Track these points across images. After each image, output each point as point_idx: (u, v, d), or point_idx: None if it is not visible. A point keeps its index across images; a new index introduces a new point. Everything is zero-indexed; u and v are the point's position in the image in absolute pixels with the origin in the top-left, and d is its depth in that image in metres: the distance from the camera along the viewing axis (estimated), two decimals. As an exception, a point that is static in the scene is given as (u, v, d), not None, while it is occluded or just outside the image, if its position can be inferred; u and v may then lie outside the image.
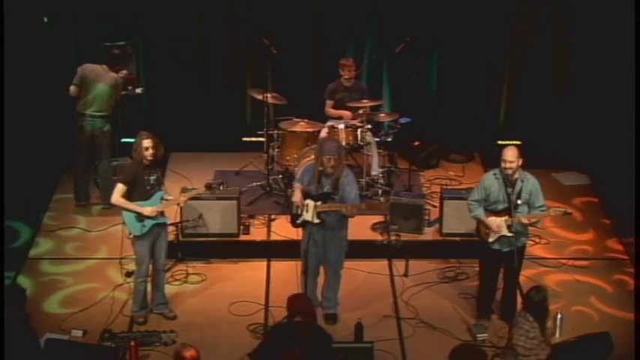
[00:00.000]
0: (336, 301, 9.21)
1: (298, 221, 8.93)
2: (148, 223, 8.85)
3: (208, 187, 9.55)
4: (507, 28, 12.14)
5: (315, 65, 12.10)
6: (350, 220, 9.03)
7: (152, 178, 8.86)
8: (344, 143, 10.91)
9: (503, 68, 12.35)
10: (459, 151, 12.30)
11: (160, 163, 9.05)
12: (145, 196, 8.84)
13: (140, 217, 8.82)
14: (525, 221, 8.62)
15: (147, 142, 8.74)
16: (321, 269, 9.18)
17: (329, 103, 11.37)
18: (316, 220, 8.83)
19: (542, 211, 8.70)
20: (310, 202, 8.81)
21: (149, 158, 8.77)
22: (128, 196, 8.83)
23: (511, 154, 8.58)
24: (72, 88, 10.66)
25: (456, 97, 12.35)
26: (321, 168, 8.84)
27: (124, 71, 10.99)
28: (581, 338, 8.37)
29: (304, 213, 8.85)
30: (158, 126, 11.26)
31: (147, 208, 8.80)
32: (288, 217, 9.25)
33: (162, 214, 8.95)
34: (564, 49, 12.15)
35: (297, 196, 8.92)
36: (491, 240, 8.76)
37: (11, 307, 7.62)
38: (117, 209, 9.14)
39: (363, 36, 12.22)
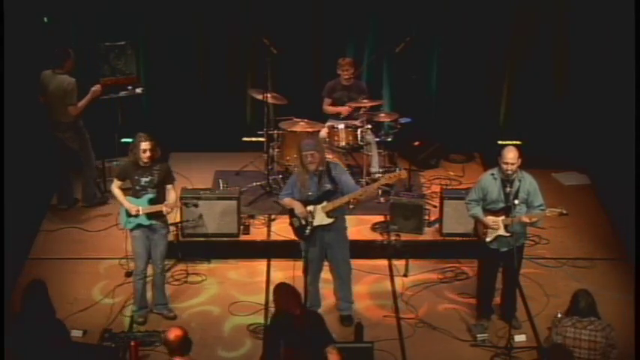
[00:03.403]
0: (351, 300, 9.20)
1: (307, 231, 8.82)
2: (134, 220, 8.90)
3: (186, 204, 9.66)
4: (507, 28, 12.14)
5: (315, 65, 12.09)
6: (347, 218, 9.03)
7: (144, 179, 8.88)
8: (344, 143, 10.94)
9: (503, 68, 12.35)
10: (459, 151, 12.30)
11: (161, 166, 9.02)
12: (136, 195, 8.92)
13: (129, 212, 8.92)
14: (526, 220, 8.61)
15: (145, 145, 8.75)
16: (326, 269, 9.16)
17: (327, 100, 11.37)
18: (329, 221, 8.78)
19: (542, 210, 8.69)
20: (314, 207, 8.78)
21: (145, 161, 8.80)
22: (124, 191, 8.98)
23: (512, 155, 8.58)
24: (39, 97, 10.77)
25: (456, 97, 12.35)
26: (303, 169, 8.75)
27: (97, 85, 10.88)
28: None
29: (310, 221, 8.82)
30: (158, 126, 11.31)
31: (132, 206, 8.87)
32: (291, 230, 9.08)
33: (151, 216, 8.91)
34: (564, 49, 12.15)
35: (300, 208, 8.78)
36: (488, 239, 8.77)
37: (35, 301, 7.61)
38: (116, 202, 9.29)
39: (363, 36, 12.22)
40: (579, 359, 7.59)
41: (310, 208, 8.76)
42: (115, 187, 9.06)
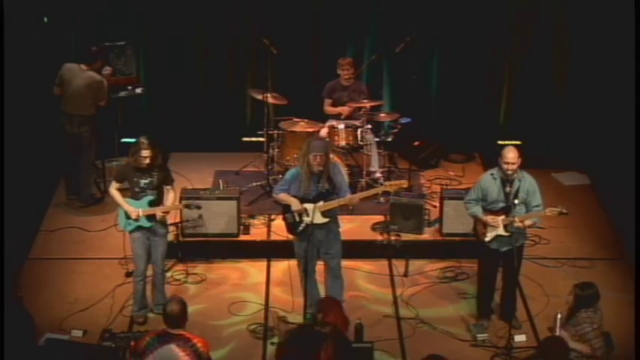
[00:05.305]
0: (343, 299, 9.17)
1: (300, 228, 8.85)
2: (133, 222, 8.90)
3: (187, 206, 9.59)
4: (507, 28, 12.15)
5: (315, 65, 12.09)
6: (347, 217, 9.05)
7: (144, 181, 8.87)
8: (344, 143, 10.94)
9: (503, 68, 12.35)
10: (459, 151, 12.30)
11: (160, 167, 9.02)
12: (136, 197, 8.91)
13: (128, 215, 8.91)
14: (520, 225, 8.61)
15: (145, 152, 8.75)
16: (318, 268, 9.16)
17: (327, 101, 11.38)
18: (324, 220, 8.79)
19: (538, 211, 8.69)
20: (309, 205, 8.78)
21: (142, 166, 8.81)
22: (123, 192, 8.95)
23: (512, 155, 8.59)
24: (54, 87, 10.80)
25: (456, 97, 12.35)
26: (308, 168, 8.74)
27: (108, 68, 10.98)
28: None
29: (304, 218, 8.82)
30: (158, 126, 11.32)
31: (132, 208, 8.85)
32: (284, 225, 9.07)
33: (151, 218, 8.90)
34: (564, 48, 12.16)
35: (297, 205, 8.79)
36: (487, 239, 8.77)
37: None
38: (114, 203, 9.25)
39: (363, 36, 12.22)
40: (597, 349, 7.85)
41: (306, 205, 8.77)
42: (113, 189, 9.02)
